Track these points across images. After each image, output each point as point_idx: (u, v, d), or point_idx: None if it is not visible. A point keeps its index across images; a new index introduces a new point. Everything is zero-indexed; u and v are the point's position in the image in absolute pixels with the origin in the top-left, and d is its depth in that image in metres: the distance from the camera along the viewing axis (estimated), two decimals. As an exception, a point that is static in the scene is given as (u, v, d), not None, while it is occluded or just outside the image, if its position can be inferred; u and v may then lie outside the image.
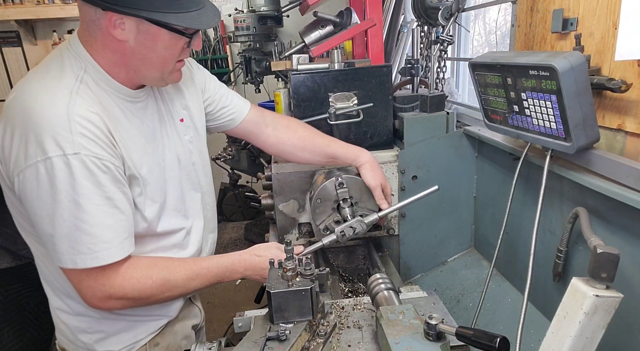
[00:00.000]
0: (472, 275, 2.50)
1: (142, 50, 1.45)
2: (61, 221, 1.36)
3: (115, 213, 1.42)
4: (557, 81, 1.43)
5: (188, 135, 1.76)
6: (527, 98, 1.63)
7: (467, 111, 2.75)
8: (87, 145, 1.35)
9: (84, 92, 1.41)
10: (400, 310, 1.34)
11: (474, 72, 1.88)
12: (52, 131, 1.31)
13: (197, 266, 1.62)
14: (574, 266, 1.70)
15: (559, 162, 1.70)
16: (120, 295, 1.48)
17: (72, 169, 1.33)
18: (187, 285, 1.59)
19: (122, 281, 1.47)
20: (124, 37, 1.41)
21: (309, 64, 2.55)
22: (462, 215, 2.60)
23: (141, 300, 1.54)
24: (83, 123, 1.35)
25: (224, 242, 6.09)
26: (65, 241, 1.38)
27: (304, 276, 1.40)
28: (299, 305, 1.37)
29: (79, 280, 1.46)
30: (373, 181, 2.01)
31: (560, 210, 1.80)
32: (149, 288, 1.52)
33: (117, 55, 1.46)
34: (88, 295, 1.48)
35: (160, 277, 1.54)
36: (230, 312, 4.44)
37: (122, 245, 1.44)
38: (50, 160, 1.31)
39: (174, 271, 1.57)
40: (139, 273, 1.51)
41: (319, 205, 2.06)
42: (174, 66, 1.54)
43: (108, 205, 1.41)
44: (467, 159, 2.50)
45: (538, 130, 1.64)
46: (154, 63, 1.49)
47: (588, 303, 1.14)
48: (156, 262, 1.58)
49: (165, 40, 1.45)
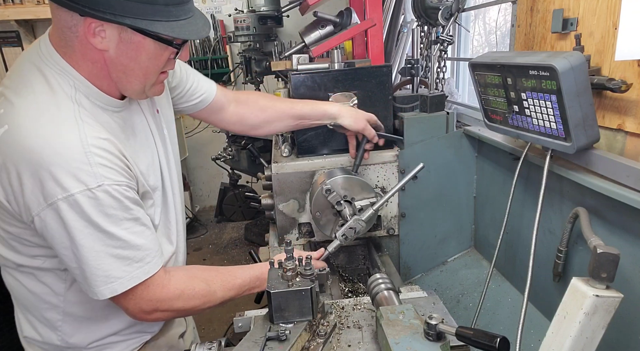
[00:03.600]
0: (472, 275, 2.50)
1: (123, 60, 1.34)
2: (94, 253, 1.32)
3: (143, 230, 1.41)
4: (557, 81, 1.43)
5: (167, 127, 1.70)
6: (527, 98, 1.62)
7: (467, 111, 2.76)
8: (108, 174, 1.30)
9: (85, 116, 1.33)
10: (400, 310, 1.34)
11: (474, 72, 1.88)
12: (69, 167, 1.24)
13: (232, 277, 1.59)
14: (574, 266, 1.70)
15: (559, 162, 1.70)
16: (166, 307, 1.47)
17: (99, 201, 1.28)
18: (224, 296, 1.56)
19: (167, 294, 1.46)
20: (104, 46, 1.30)
21: (309, 64, 2.54)
22: (462, 215, 2.59)
23: (185, 310, 1.52)
24: (99, 153, 1.29)
25: (224, 242, 6.09)
26: (100, 272, 1.34)
27: (304, 277, 1.40)
28: (299, 305, 1.37)
29: (125, 300, 1.42)
30: (358, 124, 2.02)
31: (560, 210, 1.80)
32: (193, 299, 1.50)
33: (98, 66, 1.35)
34: (135, 310, 1.45)
35: (201, 288, 1.52)
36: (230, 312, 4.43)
37: (154, 260, 1.43)
38: (74, 197, 1.25)
39: (211, 282, 1.55)
40: (183, 284, 1.49)
41: (320, 217, 2.07)
42: (157, 78, 1.43)
43: (136, 226, 1.39)
44: (467, 159, 2.50)
45: (538, 130, 1.64)
46: (135, 74, 1.38)
47: (588, 303, 1.14)
48: (195, 273, 1.56)
49: (149, 51, 1.33)
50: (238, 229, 6.39)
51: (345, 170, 2.15)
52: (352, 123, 2.02)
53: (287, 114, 2.04)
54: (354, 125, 2.03)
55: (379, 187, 2.33)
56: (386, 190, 2.33)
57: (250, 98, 2.05)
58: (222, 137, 5.67)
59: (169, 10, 1.28)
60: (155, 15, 1.25)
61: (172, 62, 1.44)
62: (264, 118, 2.03)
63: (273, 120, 2.05)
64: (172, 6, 1.28)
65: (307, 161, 2.29)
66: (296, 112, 2.04)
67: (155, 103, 1.67)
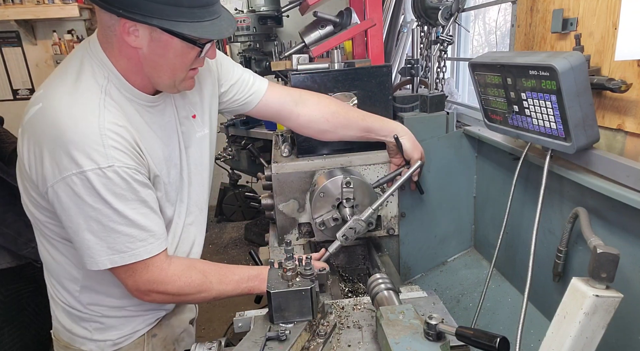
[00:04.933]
0: (472, 275, 2.50)
1: (154, 57, 1.47)
2: (100, 226, 1.44)
3: (149, 212, 1.52)
4: (557, 81, 1.43)
5: (201, 132, 1.79)
6: (527, 98, 1.63)
7: (467, 111, 2.76)
8: (119, 156, 1.41)
9: (109, 105, 1.46)
10: (400, 310, 1.34)
11: (473, 72, 1.88)
12: (85, 146, 1.37)
13: (230, 272, 1.68)
14: (574, 266, 1.70)
15: (558, 162, 1.70)
16: (162, 289, 1.57)
17: (108, 180, 1.40)
18: (220, 289, 1.65)
19: (165, 277, 1.56)
20: (138, 44, 1.43)
21: (309, 64, 2.54)
22: (462, 215, 2.59)
23: (179, 296, 1.62)
24: (114, 136, 1.41)
25: (224, 241, 6.09)
26: (104, 244, 1.46)
27: (304, 276, 1.40)
28: (299, 305, 1.37)
29: (125, 275, 1.54)
30: (415, 152, 2.09)
31: (560, 210, 1.80)
32: (188, 287, 1.60)
33: (132, 62, 1.49)
34: (133, 287, 1.56)
35: (198, 278, 1.61)
36: (230, 312, 4.44)
37: (157, 241, 1.54)
38: (85, 173, 1.37)
39: (209, 275, 1.64)
40: (180, 271, 1.60)
41: (320, 199, 2.07)
42: (187, 74, 1.55)
43: (143, 207, 1.50)
44: (467, 159, 2.50)
45: (538, 130, 1.64)
46: (165, 70, 1.50)
47: (588, 303, 1.14)
48: (194, 264, 1.66)
49: (177, 49, 1.45)
50: (238, 229, 6.39)
51: (345, 171, 2.14)
52: (410, 147, 2.09)
53: (357, 125, 2.07)
54: (410, 149, 2.09)
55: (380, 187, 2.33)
56: (386, 190, 2.33)
57: (321, 101, 2.07)
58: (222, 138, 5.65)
59: (193, 12, 1.39)
60: (180, 17, 1.37)
61: (201, 59, 1.56)
62: (334, 123, 2.05)
63: (342, 127, 2.07)
64: (197, 8, 1.39)
65: (307, 161, 2.29)
66: (367, 125, 2.07)
67: (194, 108, 1.77)
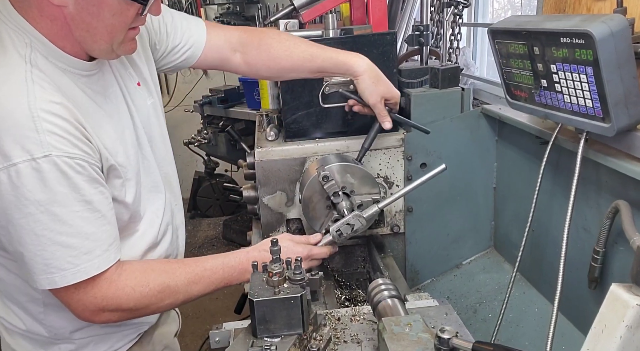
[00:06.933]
0: (492, 280, 2.51)
1: (84, 16, 1.36)
2: (33, 237, 1.34)
3: (96, 218, 1.42)
4: (593, 50, 1.42)
5: (149, 100, 1.74)
6: (557, 71, 1.62)
7: (486, 87, 2.76)
8: (58, 143, 1.32)
9: (38, 78, 1.36)
10: (406, 322, 1.34)
11: (494, 40, 1.87)
12: (13, 133, 1.28)
13: (200, 268, 1.63)
14: (613, 270, 1.70)
15: (595, 147, 1.70)
16: (114, 306, 1.50)
17: (43, 174, 1.30)
18: (189, 290, 1.60)
19: (115, 291, 1.48)
20: (61, 1, 1.33)
21: (299, 31, 2.52)
22: (479, 210, 2.60)
23: (138, 310, 1.56)
24: (50, 118, 1.32)
25: (198, 241, 6.10)
26: (40, 260, 1.36)
27: (293, 282, 1.39)
28: (287, 315, 1.37)
29: (66, 295, 1.45)
30: (372, 96, 1.95)
31: (596, 204, 1.80)
32: (147, 297, 1.53)
33: (58, 24, 1.38)
34: (79, 309, 1.48)
35: (159, 283, 1.55)
36: (205, 324, 4.46)
37: (106, 253, 1.45)
38: (16, 167, 1.28)
39: (173, 274, 1.58)
40: (134, 280, 1.52)
41: (310, 208, 2.05)
42: (126, 35, 1.46)
43: (87, 210, 1.40)
44: (486, 143, 2.50)
45: (570, 108, 1.64)
46: (99, 33, 1.40)
47: (631, 315, 1.14)
48: (152, 266, 1.60)
49: (112, 6, 1.36)
50: (215, 226, 6.41)
51: (342, 157, 2.13)
52: (367, 93, 1.95)
53: (305, 68, 2.00)
54: (366, 94, 1.96)
55: (382, 177, 2.32)
56: (389, 180, 2.32)
57: (263, 44, 1.99)
58: (196, 118, 5.64)
59: None
60: None
61: (143, 17, 1.47)
62: (277, 69, 2.01)
63: (288, 71, 2.03)
64: None
65: (296, 146, 2.28)
66: (317, 66, 1.99)
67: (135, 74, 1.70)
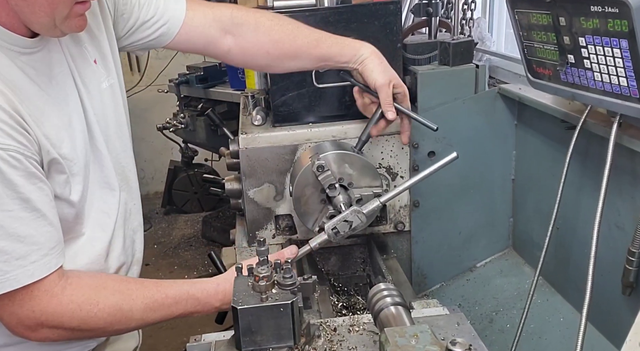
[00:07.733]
0: (510, 285, 2.52)
1: None
2: None
3: (34, 218, 1.41)
4: (629, 20, 1.41)
5: (106, 82, 1.71)
6: (586, 45, 1.61)
7: (504, 63, 2.76)
8: None
9: None
10: (412, 333, 1.33)
11: (513, 9, 1.87)
12: None
13: (161, 294, 1.60)
14: (649, 274, 1.71)
15: (630, 132, 1.70)
16: (55, 323, 1.48)
17: None
18: (144, 318, 1.59)
19: (56, 306, 1.46)
20: None
21: (289, 0, 2.51)
22: (495, 205, 2.61)
23: (82, 331, 1.54)
24: None
25: (174, 240, 6.09)
26: None
27: (283, 287, 1.39)
28: (276, 325, 1.36)
29: None
30: (380, 77, 1.95)
31: (631, 197, 1.80)
32: (94, 318, 1.51)
33: None
34: (12, 323, 1.46)
35: (111, 304, 1.53)
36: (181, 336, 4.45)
37: (44, 259, 1.43)
38: None
39: (128, 296, 1.56)
40: (81, 296, 1.50)
41: (302, 202, 2.04)
42: (71, 9, 1.42)
43: (24, 209, 1.39)
44: (504, 128, 2.50)
45: (602, 88, 1.63)
46: (39, 3, 1.37)
47: (670, 324, 1.14)
48: (105, 283, 1.58)
49: None
50: (193, 223, 6.41)
51: (339, 145, 2.13)
52: (375, 76, 1.95)
53: (309, 55, 2.01)
54: (375, 77, 1.96)
55: (384, 167, 2.32)
56: (393, 171, 2.32)
57: (260, 26, 1.98)
58: (171, 99, 5.61)
59: None
60: None
61: None
62: (277, 55, 2.01)
63: (289, 59, 2.02)
64: None
65: (286, 132, 2.28)
66: (321, 53, 2.00)
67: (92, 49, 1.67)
